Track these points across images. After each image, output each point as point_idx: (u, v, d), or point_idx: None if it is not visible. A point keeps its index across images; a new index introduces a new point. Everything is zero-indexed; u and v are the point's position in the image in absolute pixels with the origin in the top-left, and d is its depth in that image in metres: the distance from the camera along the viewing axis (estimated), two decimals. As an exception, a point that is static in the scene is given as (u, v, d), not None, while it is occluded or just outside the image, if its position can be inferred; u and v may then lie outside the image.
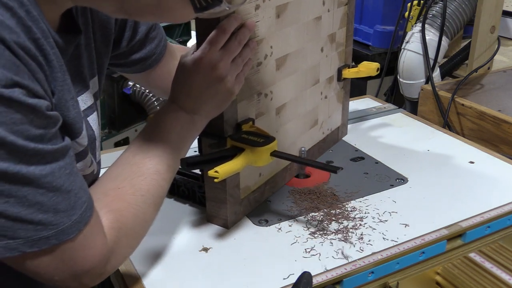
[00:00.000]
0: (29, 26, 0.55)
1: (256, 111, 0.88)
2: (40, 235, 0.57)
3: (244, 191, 0.89)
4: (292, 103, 0.98)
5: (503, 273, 0.82)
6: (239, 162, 0.79)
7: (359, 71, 1.14)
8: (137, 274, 0.78)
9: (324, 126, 1.13)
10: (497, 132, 1.27)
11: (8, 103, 0.52)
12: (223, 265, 0.80)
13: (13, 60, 0.52)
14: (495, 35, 1.55)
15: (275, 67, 0.91)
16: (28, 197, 0.55)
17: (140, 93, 2.09)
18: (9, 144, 0.52)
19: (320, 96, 1.08)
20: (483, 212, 0.91)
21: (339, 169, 0.80)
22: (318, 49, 1.04)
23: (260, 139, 0.81)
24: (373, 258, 0.80)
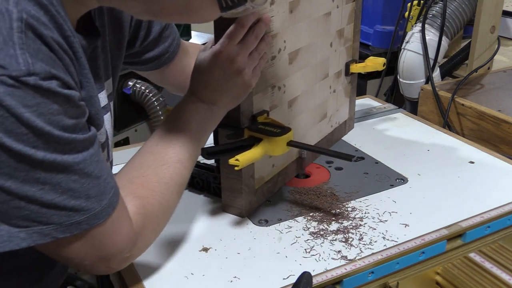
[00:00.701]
0: (61, 24, 0.58)
1: (270, 104, 0.91)
2: (72, 221, 0.60)
3: (258, 181, 0.92)
4: (303, 97, 1.02)
5: (503, 273, 0.82)
6: (258, 151, 0.82)
7: (366, 66, 1.17)
8: (137, 274, 0.78)
9: (333, 120, 1.16)
10: (497, 132, 1.27)
11: (47, 94, 0.54)
12: (223, 265, 0.80)
13: (49, 55, 0.55)
14: (495, 35, 1.55)
15: (288, 61, 0.94)
16: (61, 184, 0.58)
17: (140, 93, 2.09)
18: (46, 134, 0.55)
19: (329, 90, 1.12)
20: (483, 212, 0.91)
21: (354, 157, 0.83)
22: (327, 44, 1.07)
23: (277, 130, 0.84)
24: (373, 258, 0.80)
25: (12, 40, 0.52)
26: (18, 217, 0.57)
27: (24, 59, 0.53)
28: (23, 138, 0.54)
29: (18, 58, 0.52)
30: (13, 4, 0.53)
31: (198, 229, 0.88)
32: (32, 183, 0.56)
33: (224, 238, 0.86)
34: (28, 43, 0.53)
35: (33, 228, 0.58)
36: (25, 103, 0.53)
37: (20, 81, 0.52)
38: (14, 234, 0.58)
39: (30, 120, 0.54)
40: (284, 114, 0.96)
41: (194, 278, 0.77)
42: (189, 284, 0.76)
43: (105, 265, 0.68)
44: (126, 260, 0.70)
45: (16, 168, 0.55)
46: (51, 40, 0.56)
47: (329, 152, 0.90)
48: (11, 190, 0.56)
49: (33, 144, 0.54)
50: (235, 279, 0.77)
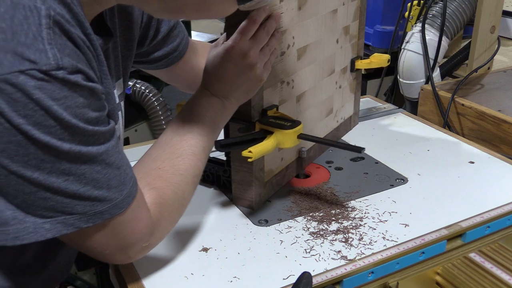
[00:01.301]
0: (82, 22, 0.61)
1: (279, 98, 0.93)
2: (95, 210, 0.62)
3: (268, 174, 0.95)
4: (311, 92, 1.04)
5: (503, 273, 0.82)
6: (270, 143, 0.84)
7: (371, 62, 1.20)
8: (137, 274, 0.78)
9: (338, 115, 1.19)
10: (497, 132, 1.27)
11: (74, 88, 0.57)
12: (223, 265, 0.80)
13: (74, 50, 0.58)
14: (495, 35, 1.55)
15: (297, 56, 0.96)
16: (85, 175, 0.60)
17: (140, 93, 2.09)
18: (72, 127, 0.57)
19: (335, 86, 1.14)
20: (483, 212, 0.91)
21: (363, 149, 0.85)
22: (334, 41, 1.09)
23: (287, 123, 0.86)
24: (373, 258, 0.80)
25: (41, 36, 0.54)
26: (43, 208, 0.59)
27: (53, 54, 0.54)
28: (50, 131, 0.56)
29: (47, 52, 0.54)
30: (41, 2, 0.55)
31: (198, 229, 0.88)
32: (57, 174, 0.58)
33: (224, 238, 0.86)
34: (56, 39, 0.55)
35: (57, 218, 0.60)
36: (54, 96, 0.55)
37: (50, 75, 0.54)
38: (40, 225, 0.60)
39: (58, 113, 0.55)
40: (293, 109, 0.99)
41: (194, 278, 0.77)
42: (189, 284, 0.76)
43: (125, 254, 0.70)
44: (145, 249, 0.73)
45: (43, 160, 0.57)
46: (76, 36, 0.58)
47: (338, 144, 0.92)
48: (38, 182, 0.57)
49: (59, 136, 0.56)
50: (235, 279, 0.77)
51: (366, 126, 1.28)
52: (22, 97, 0.53)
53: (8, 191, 0.58)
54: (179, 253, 0.83)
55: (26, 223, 0.59)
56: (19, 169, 0.56)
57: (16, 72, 0.53)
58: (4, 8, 0.54)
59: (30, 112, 0.54)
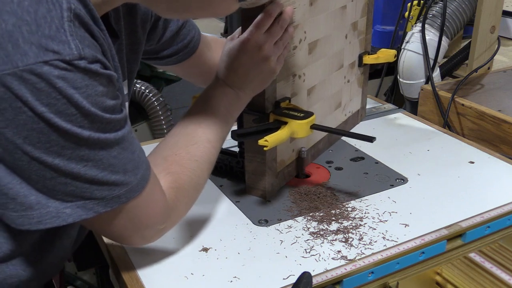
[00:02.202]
0: (97, 17, 0.63)
1: (291, 91, 0.97)
2: (113, 194, 0.65)
3: (280, 164, 0.98)
4: (321, 85, 1.07)
5: (503, 273, 0.82)
6: (284, 133, 0.87)
7: (378, 57, 1.23)
8: (137, 274, 0.78)
9: (347, 109, 1.22)
10: (497, 132, 1.27)
11: (94, 76, 0.59)
12: (223, 265, 0.80)
13: (92, 41, 0.61)
14: (495, 35, 1.55)
15: (308, 51, 0.99)
16: (103, 160, 0.62)
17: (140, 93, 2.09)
18: (92, 115, 0.59)
19: (344, 80, 1.18)
20: (483, 212, 0.91)
21: (374, 138, 0.89)
22: (343, 36, 1.13)
23: (300, 114, 0.89)
24: (373, 258, 0.80)
25: (63, 28, 0.57)
26: (63, 193, 0.62)
27: (76, 45, 0.57)
28: (71, 119, 0.58)
29: (70, 43, 0.57)
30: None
31: (198, 229, 0.88)
32: (77, 161, 0.61)
33: (224, 238, 0.86)
34: (76, 31, 0.58)
35: (77, 203, 0.63)
36: (75, 85, 0.57)
37: (72, 65, 0.57)
38: (61, 210, 0.62)
39: (78, 101, 0.58)
40: (304, 101, 1.02)
41: (194, 278, 0.77)
42: (189, 284, 0.76)
43: (141, 237, 0.74)
44: (161, 231, 0.75)
45: (64, 146, 0.59)
46: (93, 29, 0.61)
47: (350, 134, 0.97)
48: (58, 167, 0.60)
49: (80, 124, 0.59)
50: (235, 279, 0.77)
51: (366, 126, 1.28)
52: (46, 87, 0.56)
53: (30, 176, 0.60)
54: (179, 253, 0.83)
55: (49, 208, 0.62)
56: (41, 155, 0.59)
57: (40, 63, 0.55)
58: (28, 1, 0.56)
59: (52, 101, 0.56)
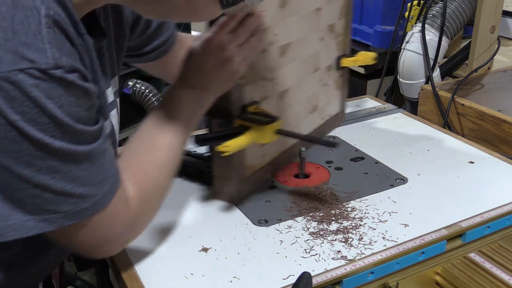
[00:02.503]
0: (77, 22, 0.62)
1: (261, 95, 0.94)
2: (79, 208, 0.63)
3: (249, 169, 0.96)
4: (294, 89, 1.05)
5: (503, 273, 0.82)
6: (246, 139, 0.85)
7: (356, 60, 1.19)
8: (137, 274, 0.78)
9: (324, 112, 1.19)
10: (497, 132, 1.27)
11: (69, 86, 0.58)
12: (223, 265, 0.80)
13: (71, 49, 0.60)
14: (495, 35, 1.55)
15: (279, 54, 0.97)
16: (72, 172, 0.61)
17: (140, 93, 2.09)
18: (64, 125, 0.59)
19: (320, 83, 1.15)
20: (483, 212, 0.91)
21: (337, 144, 0.87)
22: (318, 38, 1.10)
23: (265, 119, 0.88)
24: (373, 258, 0.80)
25: (41, 35, 0.56)
26: (29, 204, 0.61)
27: (52, 53, 0.56)
28: (44, 128, 0.57)
29: (46, 52, 0.56)
30: (40, 1, 0.57)
31: (198, 229, 0.88)
32: (46, 172, 0.59)
33: (224, 238, 0.86)
34: (55, 38, 0.57)
35: (41, 216, 0.61)
36: (50, 95, 0.56)
37: (48, 74, 0.56)
38: (24, 222, 0.61)
39: (52, 111, 0.57)
40: (275, 105, 0.99)
41: (194, 278, 0.77)
42: (189, 284, 0.76)
43: (106, 249, 0.73)
44: (126, 242, 0.75)
45: (34, 156, 0.58)
46: (72, 36, 0.60)
47: (314, 140, 0.95)
48: (27, 178, 0.59)
49: (52, 134, 0.58)
50: (235, 279, 0.77)
51: (366, 126, 1.28)
52: (19, 95, 0.55)
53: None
54: (179, 253, 0.83)
55: (11, 220, 0.61)
56: (11, 165, 0.58)
57: (15, 71, 0.54)
58: (5, 7, 0.56)
59: (26, 109, 0.56)
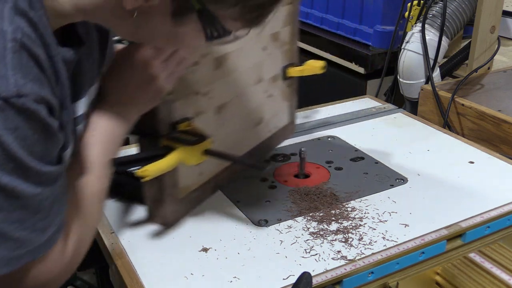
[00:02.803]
0: (49, 43, 0.57)
1: (194, 110, 0.88)
2: (16, 253, 0.57)
3: (184, 190, 0.90)
4: (234, 102, 0.99)
5: (503, 273, 0.82)
6: (170, 161, 0.80)
7: (303, 70, 1.14)
8: (137, 274, 0.78)
9: (270, 124, 1.13)
10: (497, 132, 1.27)
11: (30, 118, 0.53)
12: (223, 265, 0.80)
13: (39, 75, 0.55)
14: (495, 35, 1.55)
15: (214, 66, 0.91)
16: (14, 213, 0.55)
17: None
18: (17, 159, 0.53)
19: (264, 95, 1.09)
20: (483, 212, 0.91)
21: (267, 166, 0.82)
22: (260, 48, 1.04)
23: (194, 138, 0.82)
24: (373, 258, 0.80)
25: (5, 61, 0.52)
26: None
27: (16, 80, 0.52)
28: None
29: (9, 79, 0.51)
30: (8, 23, 0.53)
31: (198, 229, 0.88)
32: None
33: (224, 238, 0.86)
34: (21, 63, 0.53)
35: None
36: (6, 125, 0.52)
37: (8, 102, 0.51)
38: None
39: (6, 143, 0.52)
40: (212, 121, 0.93)
41: (194, 278, 0.77)
42: (189, 284, 0.76)
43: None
44: (61, 282, 0.68)
45: None
46: (42, 60, 0.55)
47: (243, 162, 0.88)
48: None
49: (2, 167, 0.52)
50: (235, 279, 0.77)
51: (366, 126, 1.28)
52: None
53: None
54: (179, 253, 0.83)
55: None
56: None
57: None
58: None
59: None
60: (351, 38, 1.87)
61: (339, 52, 1.87)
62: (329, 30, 1.95)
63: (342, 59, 1.85)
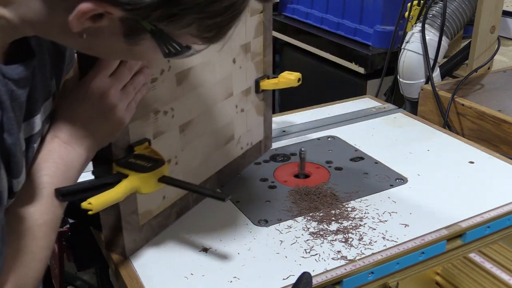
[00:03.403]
0: None
1: (153, 130, 0.81)
2: None
3: (145, 216, 0.83)
4: (200, 119, 0.92)
5: (503, 273, 0.82)
6: (119, 191, 0.71)
7: (278, 82, 1.08)
8: (137, 274, 0.78)
9: (243, 141, 1.06)
10: (497, 132, 1.27)
11: None
12: (223, 265, 0.80)
13: None
14: (495, 35, 1.55)
15: (176, 82, 0.84)
16: None
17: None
18: None
19: (235, 110, 1.02)
20: (483, 212, 0.91)
21: (228, 197, 0.74)
22: (229, 61, 0.97)
23: (148, 164, 0.74)
24: (373, 258, 0.80)
25: None
26: None
27: None
28: None
29: None
30: None
31: (198, 229, 0.88)
32: None
33: (224, 238, 0.86)
34: None
35: None
36: None
37: None
38: None
39: None
40: (175, 140, 0.87)
41: (194, 278, 0.77)
42: (189, 284, 0.76)
43: None
44: None
45: None
46: None
47: (203, 192, 0.80)
48: None
49: None
50: (235, 279, 0.77)
51: (366, 126, 1.28)
52: None
53: None
54: (179, 253, 0.83)
55: None
56: None
57: None
58: None
59: None
60: (351, 38, 1.87)
61: (339, 52, 1.87)
62: (329, 30, 1.95)
63: (342, 59, 1.85)
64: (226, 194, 0.75)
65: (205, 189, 0.78)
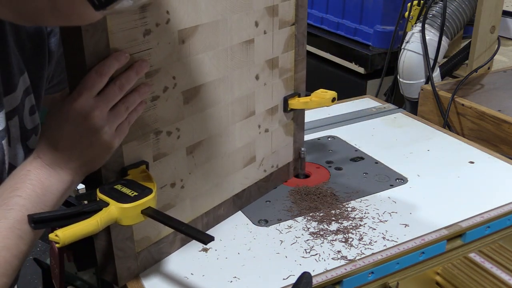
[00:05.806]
0: None
1: (154, 152, 0.76)
2: None
3: (142, 243, 0.77)
4: (213, 140, 0.85)
5: (503, 273, 0.82)
6: (93, 223, 0.63)
7: (309, 102, 0.98)
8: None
9: (266, 163, 0.98)
10: (497, 132, 1.27)
11: None
12: (223, 265, 0.80)
13: None
14: (495, 35, 1.55)
15: (182, 100, 0.78)
16: None
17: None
18: None
19: (258, 130, 0.94)
20: (483, 212, 0.91)
21: (211, 239, 0.66)
22: (251, 77, 0.89)
23: (134, 192, 0.67)
24: (373, 258, 0.80)
25: None
26: None
27: None
28: None
29: None
30: None
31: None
32: None
33: (224, 238, 0.86)
34: None
35: None
36: None
37: None
38: None
39: None
40: (182, 163, 0.81)
41: (194, 278, 0.77)
42: (189, 284, 0.76)
43: None
44: None
45: None
46: None
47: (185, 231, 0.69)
48: None
49: None
50: (235, 279, 0.77)
51: (366, 126, 1.28)
52: None
53: None
54: (179, 253, 0.83)
55: None
56: None
57: None
58: None
59: None
60: (351, 38, 1.88)
61: (339, 52, 1.87)
62: (329, 30, 1.95)
63: (342, 59, 1.86)
64: (208, 238, 0.66)
65: (189, 228, 0.69)
